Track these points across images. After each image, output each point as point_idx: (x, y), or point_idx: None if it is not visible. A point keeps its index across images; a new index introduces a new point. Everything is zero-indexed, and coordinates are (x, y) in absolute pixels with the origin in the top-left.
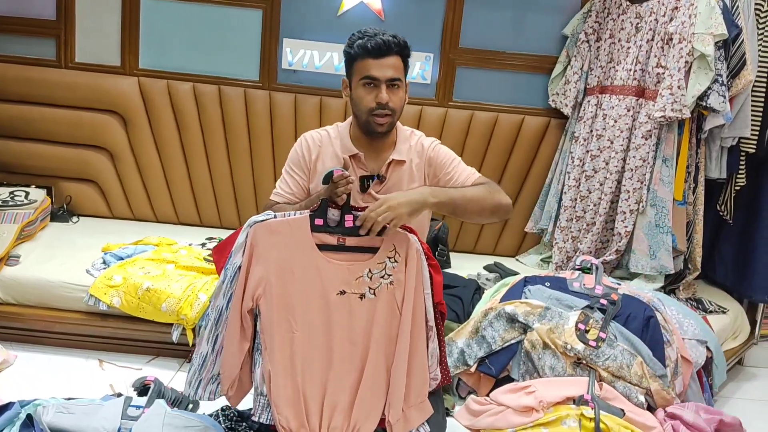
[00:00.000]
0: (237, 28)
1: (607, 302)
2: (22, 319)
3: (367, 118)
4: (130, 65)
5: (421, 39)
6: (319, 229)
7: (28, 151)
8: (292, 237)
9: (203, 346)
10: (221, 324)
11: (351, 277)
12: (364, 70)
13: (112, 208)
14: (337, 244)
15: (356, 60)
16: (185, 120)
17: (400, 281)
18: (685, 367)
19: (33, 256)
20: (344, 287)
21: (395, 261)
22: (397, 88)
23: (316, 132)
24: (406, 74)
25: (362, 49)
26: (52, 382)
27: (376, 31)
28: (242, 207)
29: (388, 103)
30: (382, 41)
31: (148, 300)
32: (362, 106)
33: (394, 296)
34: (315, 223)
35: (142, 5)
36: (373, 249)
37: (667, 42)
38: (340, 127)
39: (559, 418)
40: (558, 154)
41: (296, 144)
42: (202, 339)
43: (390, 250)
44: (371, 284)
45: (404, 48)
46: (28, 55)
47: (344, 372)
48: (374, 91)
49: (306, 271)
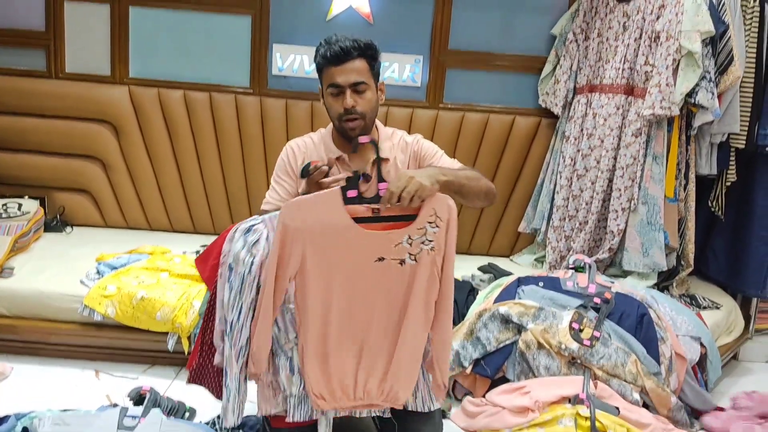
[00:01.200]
0: (226, 35)
1: (601, 301)
2: (17, 331)
3: (340, 125)
4: (121, 74)
5: (410, 42)
6: (352, 201)
7: (20, 162)
8: (325, 212)
9: (234, 367)
10: (233, 336)
11: (389, 244)
12: (328, 78)
13: (106, 218)
14: (372, 215)
15: (322, 69)
16: (177, 127)
17: (440, 246)
18: (680, 364)
19: (27, 268)
20: (383, 254)
21: (436, 226)
22: (363, 92)
23: (301, 139)
24: (377, 75)
25: (324, 58)
26: (48, 393)
27: (338, 38)
28: (236, 213)
29: (355, 107)
30: (341, 48)
31: (143, 309)
32: (332, 113)
33: (434, 261)
34: (348, 196)
35: (131, 14)
36: (410, 216)
37: (655, 40)
38: (323, 132)
39: (555, 417)
40: (549, 154)
41: (282, 153)
42: (231, 363)
43: (430, 215)
44: (411, 250)
45: (367, 49)
46: (18, 66)
47: (380, 337)
48: (341, 97)
49: (342, 242)
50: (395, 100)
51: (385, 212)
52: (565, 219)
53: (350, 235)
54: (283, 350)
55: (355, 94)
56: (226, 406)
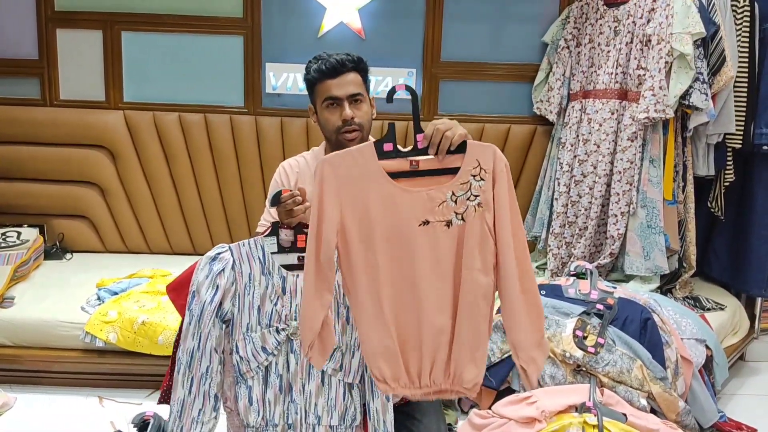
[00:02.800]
0: (219, 56)
1: (604, 307)
2: (20, 361)
3: (337, 138)
4: (115, 99)
5: (402, 55)
6: (388, 155)
7: (18, 190)
8: (359, 168)
9: (179, 391)
10: (194, 365)
11: (432, 204)
12: (325, 91)
13: (106, 243)
14: (410, 170)
15: (316, 84)
16: (173, 150)
17: (488, 201)
18: (686, 368)
19: (27, 297)
20: (427, 216)
21: (481, 179)
22: (360, 103)
23: (294, 159)
24: (368, 89)
25: (319, 72)
26: (53, 422)
27: (329, 53)
28: (235, 233)
29: (354, 119)
30: (336, 60)
31: (144, 334)
32: (329, 126)
33: (484, 218)
34: (384, 150)
35: (124, 39)
36: (452, 170)
37: (646, 43)
38: (316, 151)
39: (562, 426)
40: (546, 161)
41: (275, 174)
42: (176, 384)
43: (474, 167)
44: (457, 208)
45: (359, 63)
46: (13, 95)
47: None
48: (338, 110)
49: (381, 203)
50: (389, 113)
51: (423, 165)
52: (565, 225)
53: (388, 193)
54: (244, 378)
55: (353, 105)
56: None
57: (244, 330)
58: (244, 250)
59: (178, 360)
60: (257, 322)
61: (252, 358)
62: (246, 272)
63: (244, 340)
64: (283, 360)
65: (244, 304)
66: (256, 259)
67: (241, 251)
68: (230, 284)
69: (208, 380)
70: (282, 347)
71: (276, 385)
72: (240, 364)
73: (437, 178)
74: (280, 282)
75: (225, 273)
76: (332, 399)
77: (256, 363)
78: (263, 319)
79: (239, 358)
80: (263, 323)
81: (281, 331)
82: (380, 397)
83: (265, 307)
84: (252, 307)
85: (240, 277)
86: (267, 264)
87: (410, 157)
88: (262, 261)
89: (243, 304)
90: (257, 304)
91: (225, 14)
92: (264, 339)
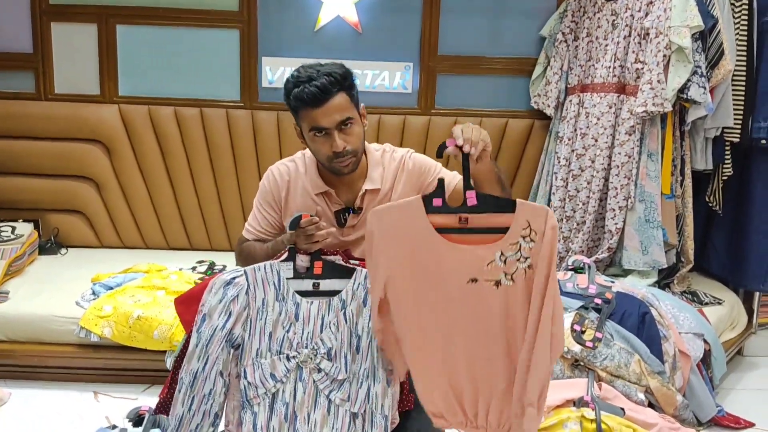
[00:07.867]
0: (215, 50)
1: (602, 301)
2: (14, 356)
3: (330, 165)
4: (110, 93)
5: (399, 49)
6: (437, 210)
7: (12, 185)
8: (407, 221)
9: (178, 408)
10: (197, 386)
11: (481, 263)
12: (309, 121)
13: (101, 238)
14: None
15: (298, 110)
16: (168, 144)
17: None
18: (684, 362)
19: (22, 291)
20: (475, 274)
21: (531, 240)
22: (350, 127)
23: (283, 165)
24: (357, 103)
25: (299, 100)
26: (48, 417)
27: (309, 74)
28: (231, 228)
29: (346, 148)
30: (317, 87)
31: (140, 328)
32: (321, 155)
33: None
34: (433, 204)
35: (119, 32)
36: (501, 229)
37: (644, 37)
38: (306, 161)
39: (560, 421)
40: (544, 155)
41: (264, 178)
42: (176, 401)
43: (524, 228)
44: (506, 269)
45: (344, 80)
46: (7, 89)
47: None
48: (327, 140)
49: (428, 258)
50: (387, 107)
51: (473, 222)
52: (563, 220)
53: (435, 249)
54: (250, 404)
55: (343, 132)
56: None
57: (253, 356)
58: (260, 275)
59: (180, 379)
60: (267, 348)
61: (260, 384)
62: (260, 297)
63: (253, 365)
64: (290, 388)
65: (255, 329)
66: (271, 284)
67: (256, 276)
68: (243, 309)
69: (210, 401)
70: (291, 375)
71: (281, 412)
72: (247, 389)
73: (486, 236)
74: (293, 308)
75: (239, 299)
76: (337, 429)
77: (264, 389)
78: (274, 345)
79: (247, 384)
80: (274, 350)
81: (292, 358)
82: (380, 426)
83: (277, 334)
84: (263, 332)
85: (253, 302)
86: (282, 289)
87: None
88: (277, 286)
89: (254, 329)
90: (269, 330)
91: (221, 7)
92: (274, 366)
